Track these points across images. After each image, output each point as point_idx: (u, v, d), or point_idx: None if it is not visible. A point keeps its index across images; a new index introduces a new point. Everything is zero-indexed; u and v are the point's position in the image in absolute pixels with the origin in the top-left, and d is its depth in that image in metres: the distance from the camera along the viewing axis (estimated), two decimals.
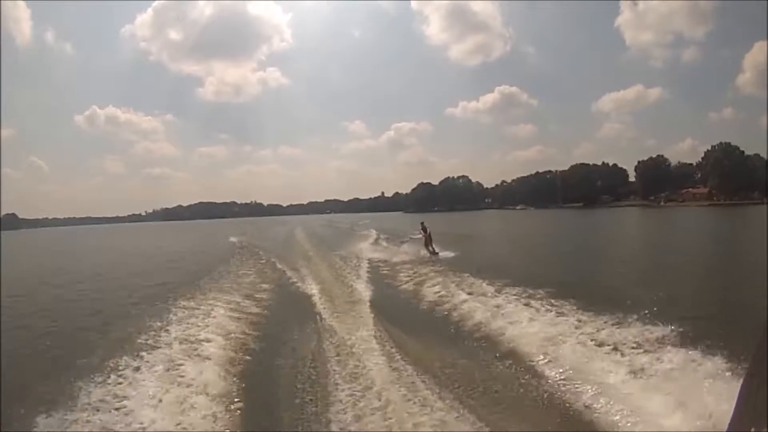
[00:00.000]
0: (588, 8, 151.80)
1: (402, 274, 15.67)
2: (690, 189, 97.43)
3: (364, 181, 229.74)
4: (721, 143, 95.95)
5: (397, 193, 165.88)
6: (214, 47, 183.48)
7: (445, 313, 10.37)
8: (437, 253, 20.19)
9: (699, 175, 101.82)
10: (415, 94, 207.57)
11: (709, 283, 13.75)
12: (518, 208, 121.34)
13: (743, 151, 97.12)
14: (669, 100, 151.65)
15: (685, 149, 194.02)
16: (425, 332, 8.88)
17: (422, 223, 22.47)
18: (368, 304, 11.34)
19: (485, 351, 7.72)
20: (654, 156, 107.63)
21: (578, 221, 58.24)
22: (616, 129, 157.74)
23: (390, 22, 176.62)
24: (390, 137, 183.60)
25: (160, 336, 8.66)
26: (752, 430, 1.63)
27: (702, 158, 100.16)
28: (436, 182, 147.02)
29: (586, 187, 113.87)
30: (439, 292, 12.23)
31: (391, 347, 7.81)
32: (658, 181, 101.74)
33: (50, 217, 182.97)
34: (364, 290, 13.29)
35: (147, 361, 7.32)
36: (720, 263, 18.25)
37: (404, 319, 9.99)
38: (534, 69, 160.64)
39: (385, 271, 16.71)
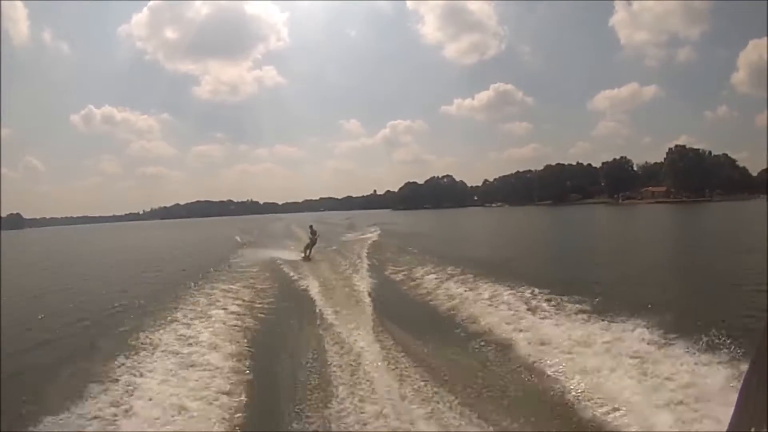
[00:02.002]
0: (582, 8, 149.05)
1: (399, 273, 15.81)
2: (650, 187, 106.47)
3: (359, 180, 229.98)
4: (677, 146, 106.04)
5: (388, 191, 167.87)
6: (211, 46, 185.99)
7: (444, 310, 10.52)
8: (309, 258, 20.16)
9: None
10: (410, 92, 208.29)
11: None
12: (495, 205, 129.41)
13: (710, 152, 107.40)
14: (664, 98, 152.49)
15: None
16: (424, 329, 8.91)
17: (311, 226, 22.37)
18: (368, 299, 11.65)
19: (485, 350, 7.74)
20: (617, 157, 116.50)
21: (529, 216, 67.40)
22: (611, 127, 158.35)
23: (386, 22, 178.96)
24: (385, 135, 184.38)
25: (161, 335, 8.72)
26: (752, 430, 1.63)
27: (664, 159, 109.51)
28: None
29: (558, 186, 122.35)
30: (437, 290, 12.36)
31: (390, 344, 7.94)
32: (622, 179, 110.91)
33: (48, 217, 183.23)
34: (359, 281, 13.97)
35: (147, 360, 7.36)
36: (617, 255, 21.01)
37: (403, 315, 10.15)
38: (529, 68, 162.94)
39: (382, 268, 17.21)
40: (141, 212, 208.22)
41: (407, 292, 13.00)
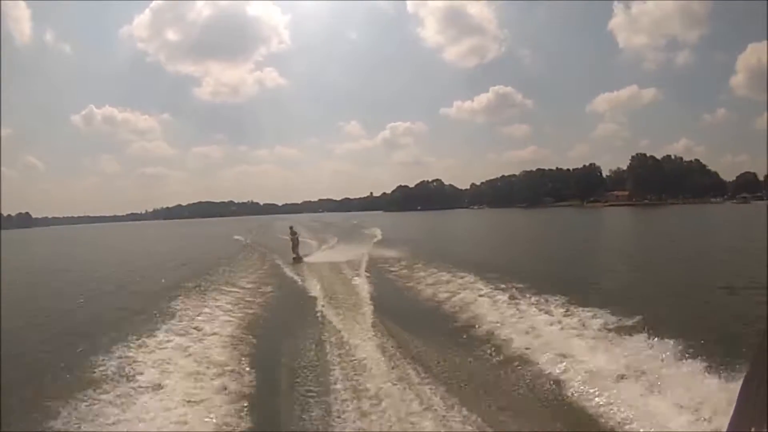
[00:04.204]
0: (581, 11, 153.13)
1: (398, 272, 16.18)
2: (615, 192, 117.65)
3: (358, 181, 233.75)
4: (637, 154, 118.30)
5: (384, 193, 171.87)
6: (212, 48, 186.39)
7: (444, 310, 10.71)
8: (301, 258, 19.81)
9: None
10: (410, 94, 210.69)
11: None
12: (475, 207, 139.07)
13: (681, 158, 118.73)
14: (663, 101, 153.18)
15: (679, 149, 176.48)
16: (423, 330, 8.99)
17: (291, 228, 22.07)
18: (368, 299, 11.68)
19: (485, 350, 7.82)
20: (587, 164, 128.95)
21: (495, 217, 79.01)
22: (610, 129, 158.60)
23: (387, 24, 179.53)
24: (385, 137, 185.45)
25: (162, 335, 8.76)
26: (752, 430, 1.64)
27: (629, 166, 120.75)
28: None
29: (535, 190, 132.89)
30: (437, 290, 12.48)
31: (390, 344, 8.01)
32: (591, 184, 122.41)
33: (50, 216, 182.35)
34: (360, 282, 13.98)
35: (148, 361, 7.39)
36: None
37: (403, 315, 10.27)
38: (528, 70, 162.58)
39: (381, 267, 17.54)
40: (143, 212, 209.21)
41: (406, 293, 13.23)
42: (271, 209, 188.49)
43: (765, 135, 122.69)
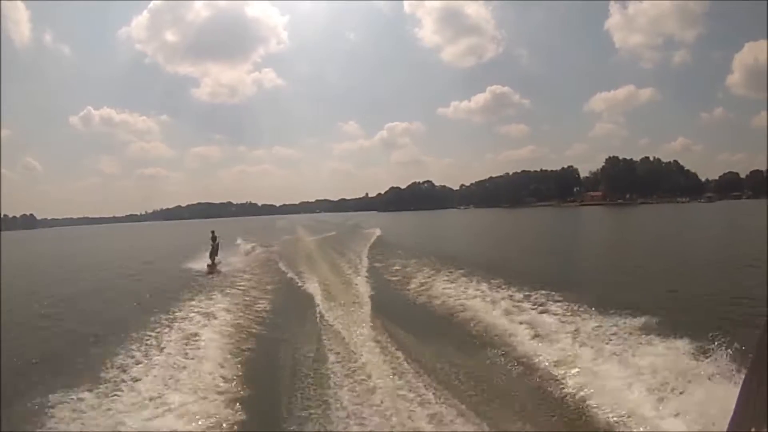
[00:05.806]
0: (578, 12, 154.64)
1: (397, 272, 16.22)
2: (590, 192, 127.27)
3: (356, 181, 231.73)
4: (609, 157, 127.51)
5: (379, 194, 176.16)
6: (210, 49, 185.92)
7: (444, 310, 10.70)
8: (215, 265, 18.83)
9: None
10: (408, 94, 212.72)
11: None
12: (462, 207, 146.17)
13: (659, 159, 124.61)
14: (660, 100, 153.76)
15: (677, 148, 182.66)
16: (422, 329, 9.06)
17: (212, 232, 20.90)
18: (367, 298, 11.86)
19: (485, 349, 7.87)
20: (565, 167, 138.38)
21: (473, 216, 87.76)
22: (608, 128, 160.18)
23: (384, 25, 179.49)
24: (383, 137, 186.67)
25: (161, 335, 8.84)
26: (752, 430, 1.65)
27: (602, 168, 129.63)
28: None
29: (519, 191, 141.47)
30: (437, 289, 12.61)
31: (389, 344, 8.09)
32: (569, 185, 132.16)
33: (50, 218, 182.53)
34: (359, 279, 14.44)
35: (147, 361, 7.48)
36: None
37: (401, 314, 10.33)
38: (526, 70, 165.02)
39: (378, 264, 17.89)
40: (143, 213, 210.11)
41: (405, 292, 13.24)
42: (269, 210, 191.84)
43: (763, 133, 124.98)
